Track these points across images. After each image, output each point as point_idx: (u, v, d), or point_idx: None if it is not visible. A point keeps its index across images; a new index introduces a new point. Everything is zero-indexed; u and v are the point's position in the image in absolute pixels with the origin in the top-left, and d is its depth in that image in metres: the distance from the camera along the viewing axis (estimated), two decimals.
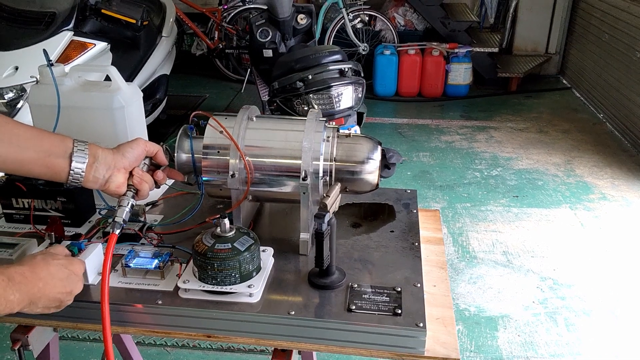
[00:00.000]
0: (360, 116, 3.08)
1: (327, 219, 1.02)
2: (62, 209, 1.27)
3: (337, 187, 1.07)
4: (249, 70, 5.56)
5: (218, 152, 1.17)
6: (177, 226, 1.29)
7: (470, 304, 2.67)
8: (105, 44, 3.31)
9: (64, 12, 3.13)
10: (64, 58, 3.07)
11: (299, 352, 1.18)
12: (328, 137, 1.18)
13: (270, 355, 2.63)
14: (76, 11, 3.14)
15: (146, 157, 1.13)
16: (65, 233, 1.20)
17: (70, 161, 0.99)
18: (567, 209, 3.53)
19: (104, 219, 1.26)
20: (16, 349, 1.18)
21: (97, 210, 1.33)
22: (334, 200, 1.05)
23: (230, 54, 5.76)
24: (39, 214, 1.27)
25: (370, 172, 1.19)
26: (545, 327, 2.52)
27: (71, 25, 3.10)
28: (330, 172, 1.17)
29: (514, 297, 2.72)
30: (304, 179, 1.13)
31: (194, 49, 6.04)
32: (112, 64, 3.43)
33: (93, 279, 1.10)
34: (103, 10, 3.23)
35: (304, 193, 1.14)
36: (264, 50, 3.78)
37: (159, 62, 4.13)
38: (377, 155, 1.19)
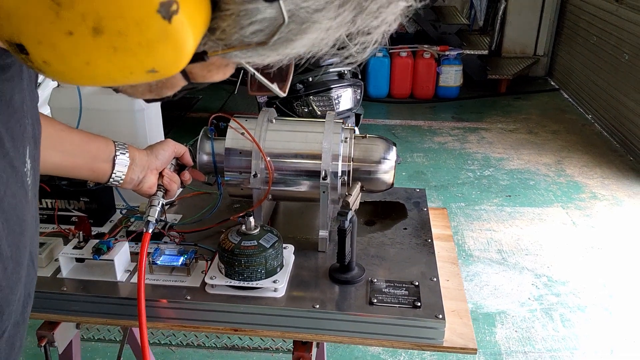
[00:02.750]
0: (357, 117, 3.14)
1: (349, 216, 1.07)
2: (84, 209, 1.30)
3: (358, 186, 1.12)
4: (241, 71, 5.58)
5: (240, 152, 1.22)
6: (197, 225, 1.33)
7: (467, 300, 2.72)
8: None
9: None
10: None
11: (317, 345, 1.22)
12: (346, 138, 1.23)
13: (273, 353, 2.65)
14: None
15: (173, 157, 1.17)
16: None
17: (113, 164, 1.04)
18: (559, 208, 3.61)
19: (126, 219, 1.30)
20: (42, 345, 1.21)
21: (119, 210, 1.37)
22: (355, 199, 1.10)
23: None
24: (61, 214, 1.30)
25: (386, 171, 1.24)
26: (541, 322, 2.59)
27: None
28: (348, 172, 1.22)
29: (510, 294, 2.79)
30: (324, 179, 1.18)
31: None
32: None
33: (121, 276, 1.14)
34: None
35: (323, 192, 1.19)
36: None
37: None
38: (392, 156, 1.24)
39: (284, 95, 0.62)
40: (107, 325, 2.50)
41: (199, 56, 0.48)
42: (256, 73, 0.55)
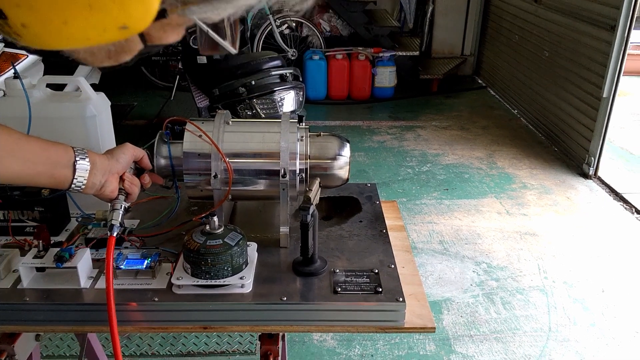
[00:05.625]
0: (300, 119, 3.19)
1: (311, 210, 1.11)
2: (39, 218, 1.28)
3: (317, 182, 1.17)
4: (177, 77, 5.52)
5: (198, 155, 1.24)
6: (156, 229, 1.34)
7: None
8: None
9: None
10: None
11: (282, 339, 1.26)
12: (302, 136, 1.27)
13: (229, 356, 2.66)
14: None
15: (132, 161, 1.17)
16: None
17: (74, 170, 1.03)
18: (493, 198, 3.81)
19: (83, 226, 1.29)
20: (2, 359, 1.19)
21: (74, 218, 1.35)
22: (315, 194, 1.15)
23: (157, 61, 5.69)
24: (15, 224, 1.27)
25: (341, 167, 1.29)
26: (484, 307, 2.74)
27: (1, 37, 2.99)
28: (306, 169, 1.27)
29: (454, 282, 2.93)
30: (283, 176, 1.22)
31: None
32: (44, 74, 3.33)
33: (84, 282, 1.14)
34: None
35: (283, 189, 1.23)
36: (197, 57, 3.80)
37: (87, 71, 4.04)
38: (347, 152, 1.30)
39: (236, 52, 0.66)
40: (66, 341, 2.43)
41: (160, 14, 0.52)
42: (210, 30, 0.59)
